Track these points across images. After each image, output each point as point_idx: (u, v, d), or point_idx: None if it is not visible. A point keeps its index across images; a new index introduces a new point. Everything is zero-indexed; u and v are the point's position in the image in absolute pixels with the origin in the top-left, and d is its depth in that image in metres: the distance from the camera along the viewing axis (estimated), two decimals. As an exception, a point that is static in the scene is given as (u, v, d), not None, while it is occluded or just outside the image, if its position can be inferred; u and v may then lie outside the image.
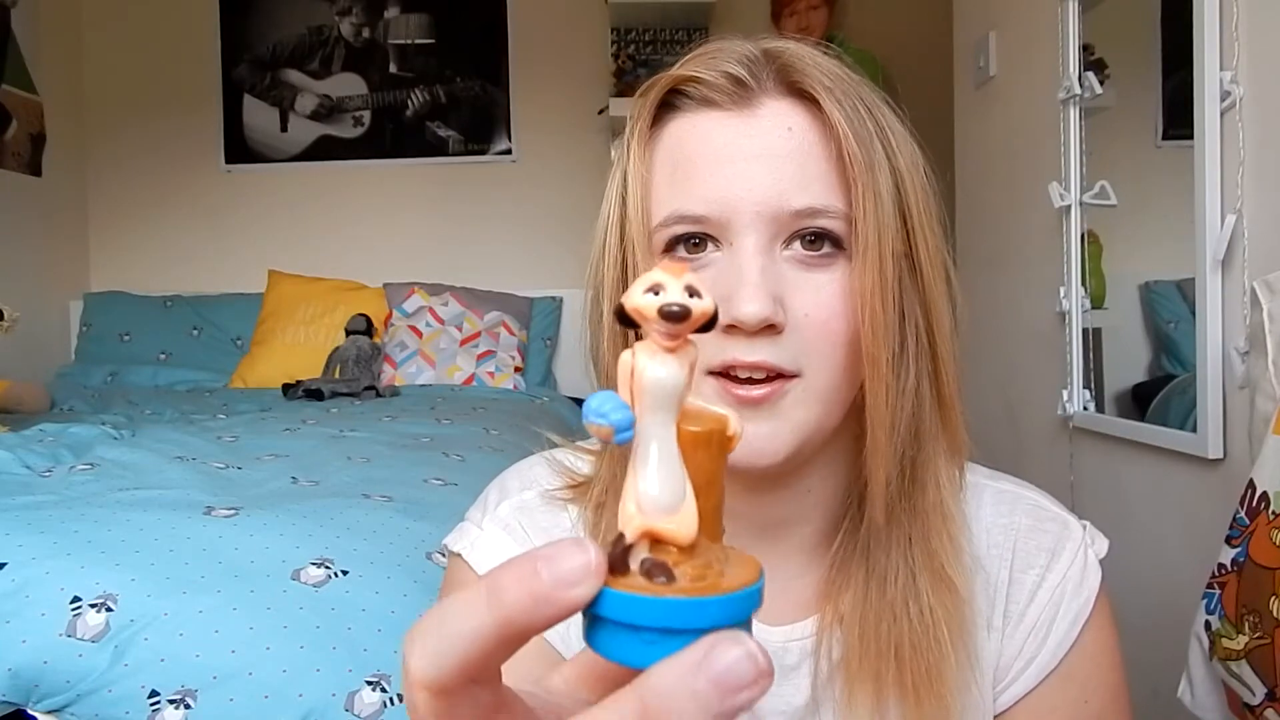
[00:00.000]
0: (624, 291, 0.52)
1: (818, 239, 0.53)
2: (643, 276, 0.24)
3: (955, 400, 0.57)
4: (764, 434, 0.52)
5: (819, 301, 0.52)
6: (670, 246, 0.54)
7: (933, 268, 0.55)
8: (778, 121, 0.53)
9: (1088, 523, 0.63)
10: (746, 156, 0.52)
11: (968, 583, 0.57)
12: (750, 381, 0.52)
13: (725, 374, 0.52)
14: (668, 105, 0.56)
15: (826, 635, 0.58)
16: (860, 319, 0.52)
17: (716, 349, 0.51)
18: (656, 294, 0.24)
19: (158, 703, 0.99)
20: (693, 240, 0.54)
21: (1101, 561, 0.61)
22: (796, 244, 0.53)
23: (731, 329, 0.51)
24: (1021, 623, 0.59)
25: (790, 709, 0.59)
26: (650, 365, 0.24)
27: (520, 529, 0.63)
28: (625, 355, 0.24)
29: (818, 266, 0.53)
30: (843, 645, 0.57)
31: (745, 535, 0.60)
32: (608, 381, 0.58)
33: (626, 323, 0.24)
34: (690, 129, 0.55)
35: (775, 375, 0.52)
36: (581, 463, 0.65)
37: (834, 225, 0.52)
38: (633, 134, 0.56)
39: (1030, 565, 0.59)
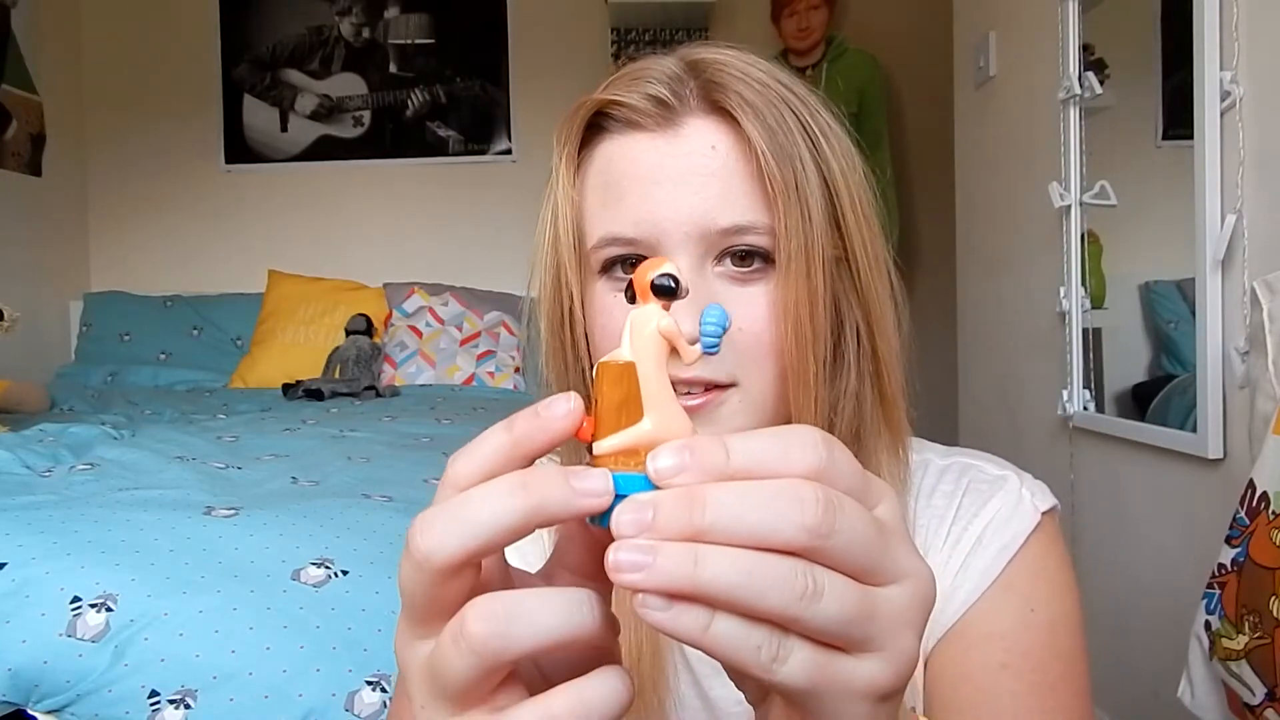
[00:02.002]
0: (560, 312, 0.57)
1: (747, 255, 0.54)
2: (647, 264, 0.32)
3: (899, 397, 0.58)
4: None
5: (751, 315, 0.53)
6: (607, 268, 0.56)
7: (870, 268, 0.56)
8: (701, 140, 0.54)
9: (1032, 479, 0.62)
10: (671, 177, 0.53)
11: None
12: (688, 394, 0.53)
13: None
14: (596, 126, 0.57)
15: None
16: (785, 332, 0.53)
17: None
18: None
19: (158, 703, 0.99)
20: (629, 261, 0.55)
21: (1047, 514, 0.60)
22: (727, 260, 0.54)
23: None
24: (949, 563, 0.59)
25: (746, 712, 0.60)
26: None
27: None
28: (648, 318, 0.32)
29: (749, 281, 0.54)
30: None
31: None
32: (548, 391, 0.60)
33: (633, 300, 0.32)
34: (617, 151, 0.56)
35: (712, 386, 0.53)
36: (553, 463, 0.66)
37: (761, 241, 0.53)
38: (560, 158, 0.57)
39: (960, 518, 0.60)
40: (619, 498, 0.28)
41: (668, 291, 0.31)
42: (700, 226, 0.53)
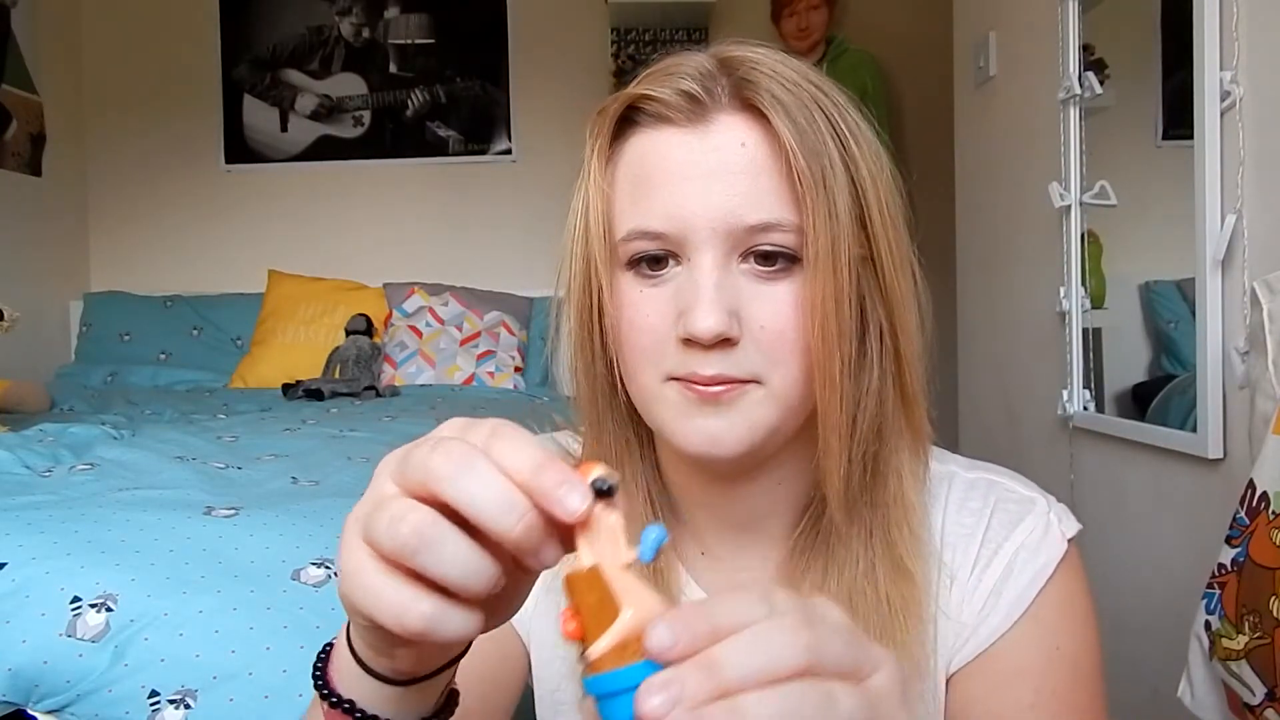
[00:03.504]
0: (589, 302, 0.58)
1: (772, 254, 0.54)
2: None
3: (919, 397, 0.59)
4: (721, 427, 0.54)
5: (774, 312, 0.54)
6: (634, 262, 0.56)
7: (895, 269, 0.56)
8: (732, 137, 0.54)
9: (1057, 501, 0.63)
10: (701, 173, 0.54)
11: (926, 573, 0.59)
12: (710, 386, 0.54)
13: (686, 379, 0.54)
14: (627, 120, 0.58)
15: None
16: (811, 328, 0.53)
17: (679, 360, 0.54)
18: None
19: (158, 703, 0.99)
20: (656, 259, 0.56)
21: (1072, 541, 0.62)
22: (752, 258, 0.55)
23: (689, 342, 0.53)
24: (978, 589, 0.60)
25: None
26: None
27: None
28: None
29: (774, 278, 0.54)
30: None
31: (722, 529, 0.63)
32: (575, 381, 0.62)
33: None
34: (648, 146, 0.56)
35: (733, 381, 0.54)
36: (578, 445, 0.67)
37: (788, 239, 0.54)
38: (592, 151, 0.58)
39: (991, 541, 0.61)
40: (627, 692, 0.30)
41: (608, 492, 0.34)
42: (727, 223, 0.53)
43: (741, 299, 0.54)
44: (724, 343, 0.53)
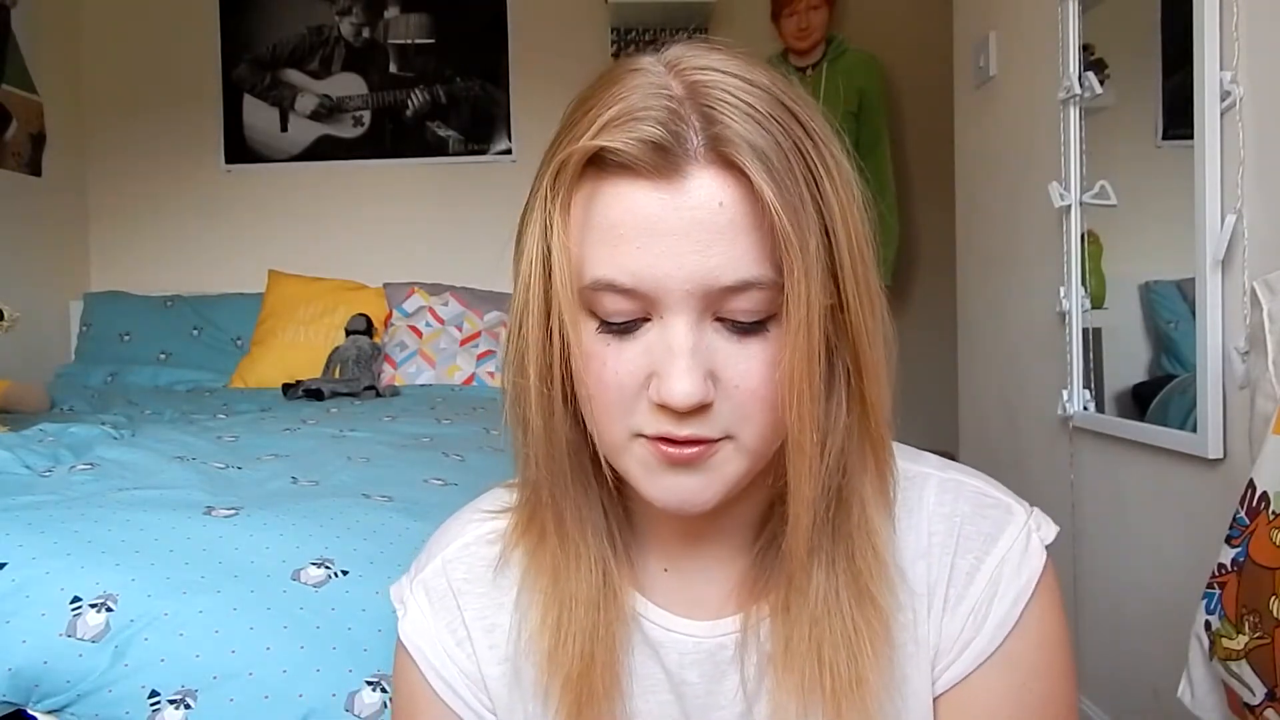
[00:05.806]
0: (547, 360, 0.55)
1: (748, 313, 0.52)
2: None
3: (884, 436, 0.57)
4: (694, 487, 0.54)
5: (748, 371, 0.52)
6: (605, 323, 0.53)
7: (862, 308, 0.53)
8: (708, 195, 0.50)
9: (1036, 509, 0.62)
10: (675, 232, 0.50)
11: (892, 596, 0.58)
12: (683, 446, 0.52)
13: (657, 439, 0.53)
14: (588, 163, 0.53)
15: (753, 629, 0.59)
16: (789, 399, 0.52)
17: (649, 419, 0.52)
18: None
19: (158, 703, 0.99)
20: (622, 322, 0.53)
21: (1049, 547, 0.61)
22: (727, 320, 0.52)
23: (663, 406, 0.51)
24: (960, 605, 0.59)
25: (727, 703, 0.61)
26: None
27: (449, 591, 0.66)
28: None
29: (747, 336, 0.52)
30: (770, 638, 0.59)
31: (685, 541, 0.62)
32: (537, 436, 0.57)
33: None
34: (613, 196, 0.51)
35: (707, 441, 0.53)
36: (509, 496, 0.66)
37: (764, 299, 0.51)
38: (554, 205, 0.54)
39: (969, 550, 0.59)
40: None
41: None
42: (703, 285, 0.50)
43: (716, 358, 0.52)
44: (699, 408, 0.51)
